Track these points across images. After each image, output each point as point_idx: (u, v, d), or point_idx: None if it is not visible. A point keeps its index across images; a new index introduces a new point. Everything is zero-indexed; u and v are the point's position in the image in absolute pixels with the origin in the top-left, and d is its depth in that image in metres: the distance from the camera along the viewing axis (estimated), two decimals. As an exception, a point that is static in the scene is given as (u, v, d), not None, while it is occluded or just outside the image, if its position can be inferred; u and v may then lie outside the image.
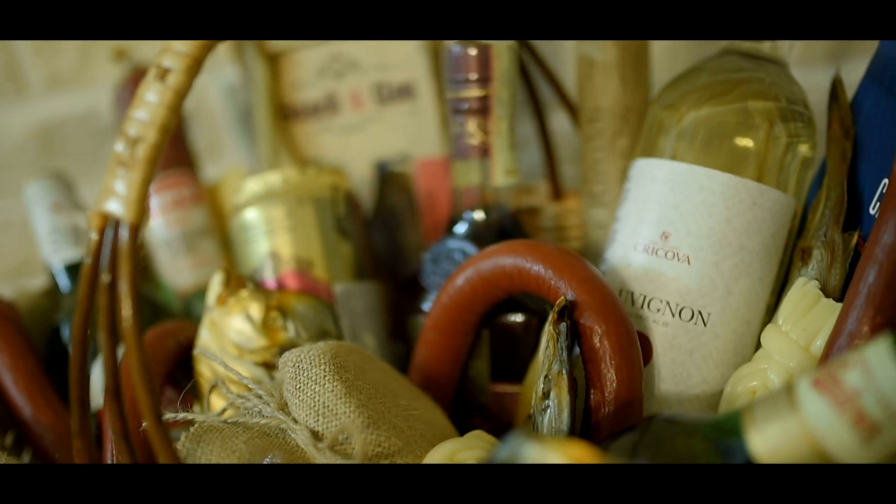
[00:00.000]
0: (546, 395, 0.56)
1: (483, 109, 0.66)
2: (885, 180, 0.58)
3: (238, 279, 0.67)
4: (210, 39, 0.49)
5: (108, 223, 0.48)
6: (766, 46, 0.63)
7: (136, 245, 0.47)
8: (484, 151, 0.66)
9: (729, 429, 0.45)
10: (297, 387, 0.56)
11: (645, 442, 0.48)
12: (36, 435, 0.66)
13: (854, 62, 0.71)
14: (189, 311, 0.78)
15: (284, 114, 0.81)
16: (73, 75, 1.02)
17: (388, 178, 0.78)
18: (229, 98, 0.97)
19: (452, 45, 0.65)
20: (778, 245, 0.60)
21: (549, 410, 0.55)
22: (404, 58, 0.76)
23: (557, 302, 0.57)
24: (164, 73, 0.48)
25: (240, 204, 0.71)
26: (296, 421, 0.55)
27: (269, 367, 0.65)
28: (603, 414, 0.55)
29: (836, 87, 0.63)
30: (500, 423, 0.66)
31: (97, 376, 0.69)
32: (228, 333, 0.66)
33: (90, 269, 0.48)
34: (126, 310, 0.47)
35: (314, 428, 0.54)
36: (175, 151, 0.82)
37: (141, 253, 0.83)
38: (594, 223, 0.69)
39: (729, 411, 0.47)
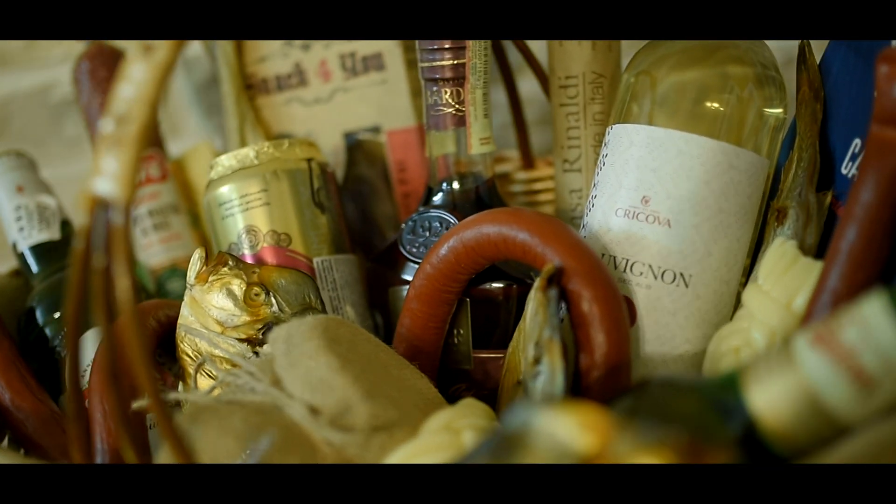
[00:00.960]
0: (537, 361, 0.57)
1: (458, 78, 0.66)
2: (857, 140, 0.59)
3: (219, 256, 0.66)
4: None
5: (99, 204, 0.47)
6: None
7: (129, 226, 0.46)
8: (460, 120, 0.67)
9: (727, 388, 0.47)
10: (291, 362, 0.56)
11: (644, 406, 0.49)
12: (17, 420, 0.65)
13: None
14: (162, 289, 0.77)
15: (249, 85, 0.80)
16: (21, 53, 0.99)
17: (359, 149, 0.78)
18: (185, 72, 0.96)
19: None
20: (753, 206, 0.62)
21: (541, 376, 0.56)
22: (372, 27, 0.75)
23: (545, 269, 0.57)
24: (148, 48, 0.48)
25: (213, 179, 0.70)
26: (291, 396, 0.55)
27: (253, 342, 0.65)
28: (593, 377, 0.56)
29: (804, 50, 0.64)
30: (485, 389, 0.67)
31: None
32: (210, 310, 0.65)
33: (82, 252, 0.48)
34: (123, 292, 0.46)
35: (310, 403, 0.55)
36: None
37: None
38: (568, 189, 0.70)
39: (727, 371, 0.49)
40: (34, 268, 0.74)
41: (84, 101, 0.81)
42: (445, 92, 0.66)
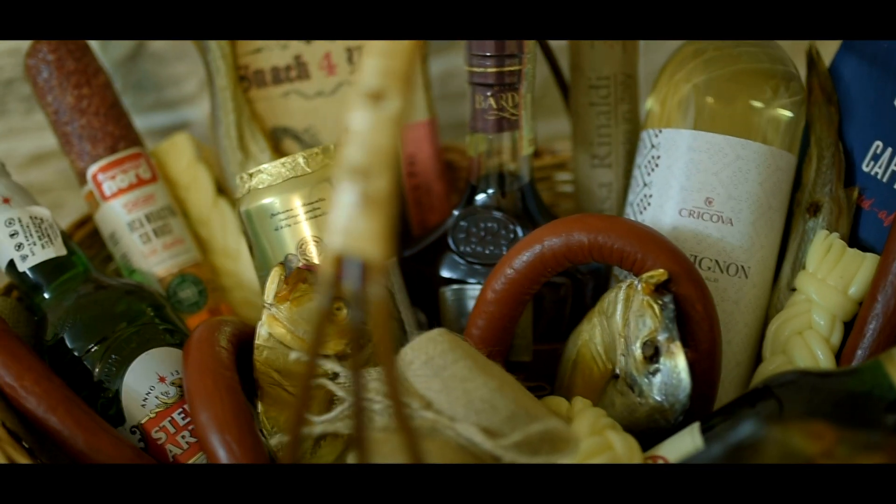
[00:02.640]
0: (649, 360, 0.62)
1: (512, 84, 0.68)
2: (878, 142, 0.68)
3: (296, 272, 0.65)
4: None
5: (350, 264, 0.46)
6: (756, 20, 0.70)
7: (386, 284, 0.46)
8: (512, 124, 0.69)
9: (876, 376, 0.54)
10: (444, 385, 0.57)
11: (804, 402, 0.56)
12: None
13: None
14: (174, 297, 0.73)
15: (241, 77, 0.76)
16: None
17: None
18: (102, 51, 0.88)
19: (486, 22, 0.66)
20: (787, 201, 0.70)
21: (659, 374, 0.61)
22: (384, 22, 0.74)
23: (656, 275, 0.62)
24: (377, 96, 0.46)
25: (259, 188, 0.68)
26: (453, 419, 0.57)
27: (341, 358, 0.65)
28: (700, 369, 0.63)
29: (812, 56, 0.72)
30: (542, 378, 0.71)
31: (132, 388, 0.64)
32: (294, 328, 0.64)
33: (323, 309, 0.46)
34: (387, 355, 0.46)
35: (479, 424, 0.56)
36: (121, 129, 0.75)
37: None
38: (597, 182, 0.75)
39: (866, 361, 0.57)
40: (40, 287, 0.68)
41: (50, 96, 0.74)
42: (501, 97, 0.68)
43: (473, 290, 0.72)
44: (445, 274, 0.72)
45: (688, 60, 0.69)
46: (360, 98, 0.46)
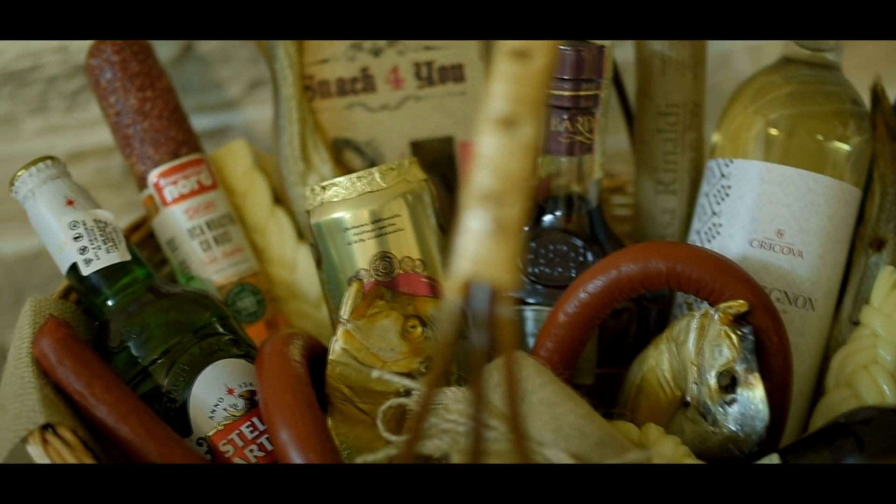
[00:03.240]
0: (725, 390, 0.63)
1: (590, 108, 0.68)
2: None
3: (374, 289, 0.64)
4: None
5: (478, 289, 0.45)
6: (826, 55, 0.71)
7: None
8: (586, 148, 0.69)
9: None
10: (532, 410, 0.57)
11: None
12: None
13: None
14: (232, 306, 0.73)
15: (305, 87, 0.75)
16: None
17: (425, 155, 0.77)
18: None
19: (567, 46, 0.66)
20: (851, 234, 0.71)
21: (736, 404, 0.62)
22: (454, 39, 0.74)
23: (734, 306, 0.62)
24: (509, 122, 0.46)
25: (333, 201, 0.67)
26: (541, 444, 0.57)
27: (414, 376, 0.64)
28: (772, 401, 0.63)
29: (877, 93, 0.73)
30: (603, 401, 0.71)
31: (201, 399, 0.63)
32: (369, 345, 0.64)
33: (448, 334, 0.46)
34: (513, 379, 0.46)
35: (567, 450, 0.56)
36: (183, 134, 0.74)
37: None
38: (660, 208, 0.75)
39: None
40: (103, 293, 0.67)
41: (113, 97, 0.73)
42: (577, 121, 0.68)
43: (534, 310, 0.72)
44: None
45: (763, 93, 0.70)
46: (491, 124, 0.46)
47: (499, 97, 0.46)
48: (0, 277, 0.91)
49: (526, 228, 0.72)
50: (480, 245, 0.45)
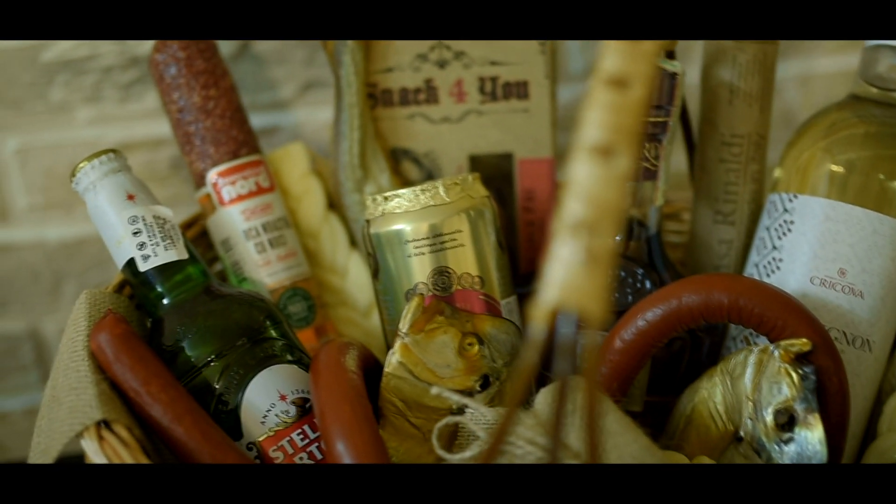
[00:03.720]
0: (782, 428, 0.62)
1: (657, 135, 0.68)
2: None
3: (435, 304, 0.64)
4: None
5: (561, 317, 0.45)
6: (895, 95, 0.71)
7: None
8: (651, 174, 0.69)
9: None
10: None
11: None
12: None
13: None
14: (284, 310, 0.72)
15: (368, 94, 0.75)
16: None
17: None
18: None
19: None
20: (911, 276, 0.70)
21: (793, 443, 0.61)
22: (521, 56, 0.74)
23: (797, 344, 0.62)
24: (605, 151, 0.46)
25: (395, 212, 0.67)
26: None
27: (468, 394, 0.64)
28: (833, 442, 0.63)
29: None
30: (650, 429, 0.71)
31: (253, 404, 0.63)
32: (426, 360, 0.63)
33: (531, 360, 0.46)
34: (595, 411, 0.45)
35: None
36: (244, 134, 0.74)
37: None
38: (717, 238, 0.75)
39: None
40: (158, 290, 0.66)
41: (176, 93, 0.72)
42: (644, 147, 0.68)
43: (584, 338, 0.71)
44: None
45: (834, 131, 0.69)
46: (586, 152, 0.46)
47: (595, 125, 0.46)
48: (40, 263, 0.91)
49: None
50: (570, 274, 0.45)
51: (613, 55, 0.47)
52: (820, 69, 0.96)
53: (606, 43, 0.47)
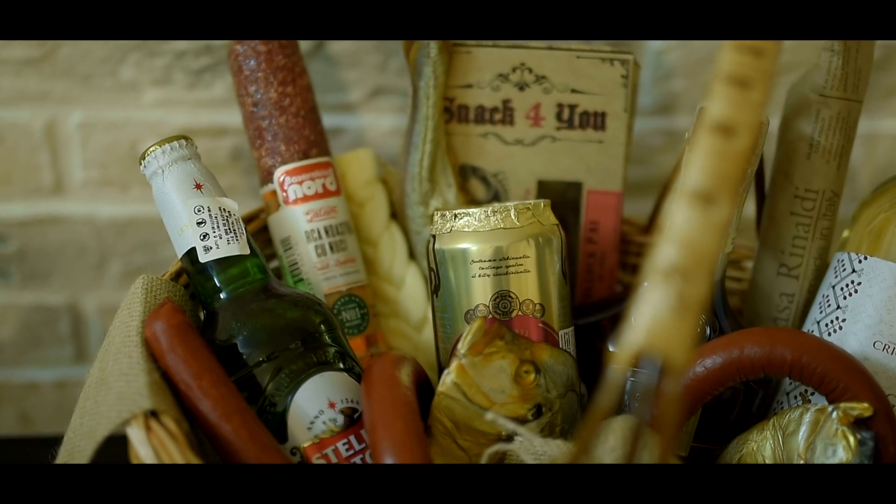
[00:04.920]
0: (836, 492, 0.61)
1: (735, 181, 0.67)
2: None
3: (496, 328, 0.63)
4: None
5: (645, 360, 0.44)
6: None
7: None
8: (724, 220, 0.68)
9: None
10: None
11: None
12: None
13: None
14: (339, 316, 0.72)
15: (444, 108, 0.75)
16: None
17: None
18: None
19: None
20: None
21: (846, 509, 0.60)
22: (602, 87, 0.73)
23: (858, 408, 0.61)
24: (706, 198, 0.45)
25: (464, 231, 0.66)
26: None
27: (520, 422, 0.63)
28: (882, 512, 0.62)
29: None
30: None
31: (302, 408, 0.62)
32: (481, 383, 0.63)
33: (609, 402, 0.45)
34: (667, 450, 0.44)
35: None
36: (316, 135, 0.73)
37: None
38: (779, 291, 0.74)
39: None
40: (216, 283, 0.66)
41: (253, 87, 0.72)
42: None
43: (640, 374, 0.70)
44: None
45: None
46: (687, 197, 0.45)
47: (698, 171, 0.45)
48: (89, 239, 0.90)
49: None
50: (658, 319, 0.44)
51: (721, 102, 0.46)
52: (886, 130, 0.95)
53: (716, 90, 0.47)
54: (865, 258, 0.68)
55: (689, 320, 0.44)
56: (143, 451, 0.56)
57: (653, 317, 0.44)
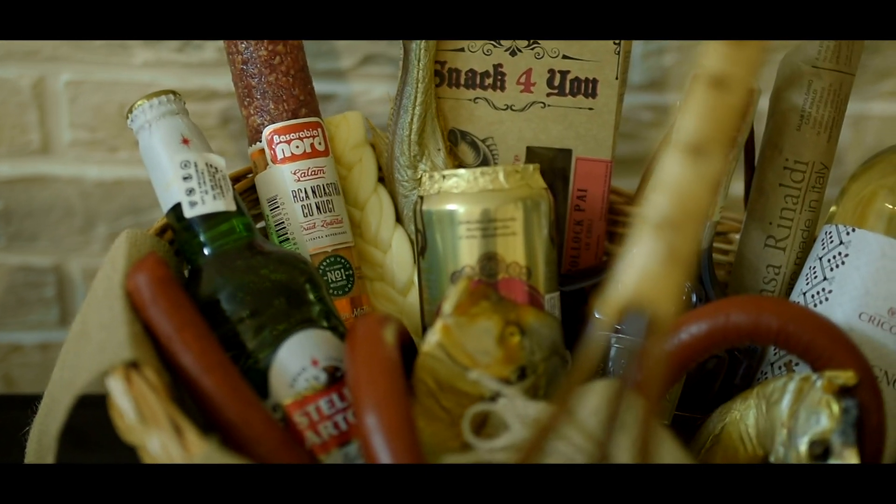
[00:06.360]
0: (816, 458, 0.61)
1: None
2: None
3: (482, 288, 0.63)
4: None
5: (632, 313, 0.44)
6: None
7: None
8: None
9: None
10: (633, 445, 0.56)
11: None
12: (246, 438, 0.58)
13: None
14: (323, 276, 0.71)
15: (435, 71, 0.74)
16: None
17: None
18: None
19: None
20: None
21: (827, 476, 0.61)
22: (594, 53, 0.73)
23: (843, 377, 0.61)
24: (698, 151, 0.45)
25: (452, 192, 0.66)
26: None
27: (504, 383, 0.63)
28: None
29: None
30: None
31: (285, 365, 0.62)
32: (465, 343, 0.62)
33: (593, 356, 0.45)
34: (650, 415, 0.44)
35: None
36: (306, 95, 0.73)
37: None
38: (766, 263, 0.74)
39: None
40: (201, 239, 0.65)
41: (243, 44, 0.71)
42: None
43: (624, 340, 0.70)
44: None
45: (890, 168, 0.69)
46: (680, 149, 0.45)
47: (691, 123, 0.45)
48: (76, 200, 0.90)
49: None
50: (648, 271, 0.44)
51: (717, 56, 0.46)
52: (875, 111, 0.95)
53: (711, 45, 0.46)
54: (853, 230, 0.68)
55: (679, 273, 0.44)
56: (122, 401, 0.55)
57: (642, 268, 0.44)
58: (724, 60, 0.46)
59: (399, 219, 0.76)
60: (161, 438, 0.54)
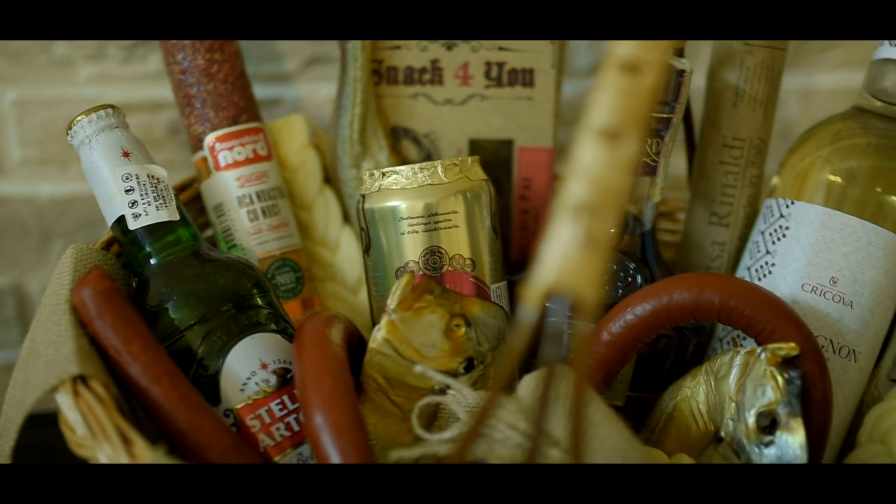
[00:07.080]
0: (763, 431, 0.62)
1: (660, 131, 0.68)
2: None
3: (425, 282, 0.64)
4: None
5: (554, 300, 0.45)
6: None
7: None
8: (651, 170, 0.68)
9: None
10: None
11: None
12: (196, 445, 0.59)
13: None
14: (272, 280, 0.72)
15: (373, 70, 0.75)
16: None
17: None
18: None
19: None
20: (901, 290, 0.70)
21: (773, 447, 0.61)
22: (529, 44, 0.73)
23: (785, 348, 0.62)
24: (613, 135, 0.45)
25: (391, 189, 0.66)
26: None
27: (451, 375, 0.63)
28: (812, 448, 0.63)
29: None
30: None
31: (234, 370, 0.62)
32: (411, 338, 0.63)
33: (519, 346, 0.45)
34: (581, 397, 0.45)
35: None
36: (245, 101, 0.73)
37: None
38: (710, 240, 0.74)
39: None
40: (147, 250, 0.65)
41: (181, 54, 0.72)
42: (646, 142, 0.67)
43: (573, 324, 0.71)
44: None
45: (838, 139, 0.69)
46: (593, 134, 0.45)
47: (604, 108, 0.46)
48: (30, 219, 0.90)
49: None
50: (568, 257, 0.44)
51: (628, 41, 0.47)
52: (822, 84, 0.96)
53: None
54: (792, 203, 0.69)
55: (598, 257, 0.44)
56: (71, 415, 0.56)
57: (562, 254, 0.45)
58: (634, 44, 0.47)
59: (346, 218, 0.77)
60: (109, 449, 0.54)
